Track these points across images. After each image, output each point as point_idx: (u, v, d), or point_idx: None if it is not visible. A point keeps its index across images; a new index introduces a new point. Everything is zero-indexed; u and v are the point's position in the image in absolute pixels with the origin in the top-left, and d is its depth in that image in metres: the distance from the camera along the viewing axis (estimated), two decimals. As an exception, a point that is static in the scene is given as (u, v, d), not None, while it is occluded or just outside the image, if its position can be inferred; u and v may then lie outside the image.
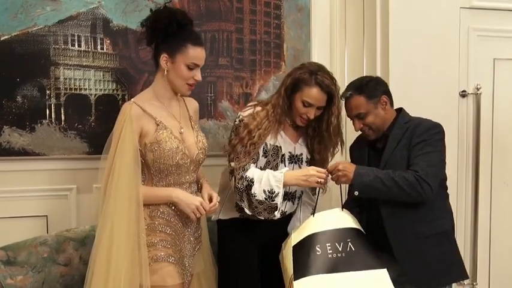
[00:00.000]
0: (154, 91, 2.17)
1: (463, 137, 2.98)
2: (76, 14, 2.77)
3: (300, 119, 2.32)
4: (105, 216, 2.02)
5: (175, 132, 2.13)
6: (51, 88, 2.76)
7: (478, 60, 2.91)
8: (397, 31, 2.76)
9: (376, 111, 2.26)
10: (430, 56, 2.80)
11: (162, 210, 2.12)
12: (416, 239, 2.19)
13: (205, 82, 3.00)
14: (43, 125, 2.75)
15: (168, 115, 2.15)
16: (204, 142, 2.25)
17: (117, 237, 1.99)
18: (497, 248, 3.05)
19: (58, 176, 2.80)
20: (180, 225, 2.15)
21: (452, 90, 2.88)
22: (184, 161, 2.12)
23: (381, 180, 2.13)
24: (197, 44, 2.10)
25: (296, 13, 3.16)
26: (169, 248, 2.10)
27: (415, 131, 2.22)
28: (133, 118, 2.04)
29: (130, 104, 2.08)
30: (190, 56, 2.08)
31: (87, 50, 2.81)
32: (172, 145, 2.08)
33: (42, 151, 2.76)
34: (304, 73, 2.27)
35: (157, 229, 2.10)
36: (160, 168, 2.10)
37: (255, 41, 3.09)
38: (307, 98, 2.26)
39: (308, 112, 2.28)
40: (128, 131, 2.02)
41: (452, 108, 2.87)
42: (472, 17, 2.86)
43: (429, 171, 2.13)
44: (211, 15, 3.00)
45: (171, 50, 2.08)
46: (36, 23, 2.71)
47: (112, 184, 2.01)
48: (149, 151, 2.07)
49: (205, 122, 3.04)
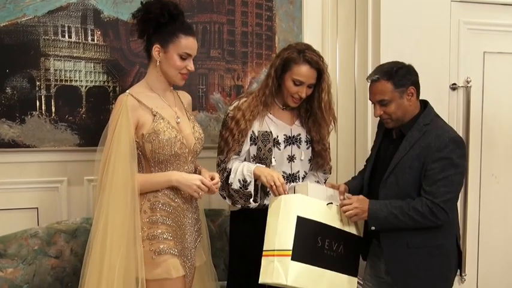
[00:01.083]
0: (148, 83, 2.17)
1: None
2: (66, 4, 2.75)
3: (291, 99, 2.33)
4: (101, 208, 2.01)
5: (172, 122, 2.13)
6: (41, 79, 2.74)
7: (468, 54, 2.92)
8: (388, 24, 2.76)
9: (400, 101, 2.15)
10: (420, 49, 2.80)
11: (163, 202, 2.11)
12: (406, 248, 2.17)
13: (197, 74, 2.99)
14: (33, 116, 2.74)
15: (164, 105, 2.15)
16: (201, 132, 2.26)
17: (111, 230, 1.98)
18: (486, 240, 3.08)
19: (49, 168, 2.79)
20: (181, 218, 2.16)
21: (442, 83, 2.88)
22: (182, 151, 2.12)
23: (395, 216, 2.10)
24: (189, 34, 2.11)
25: (288, 5, 3.15)
26: (171, 240, 2.10)
27: (434, 143, 2.10)
28: (129, 109, 2.04)
29: (126, 96, 2.08)
30: (182, 46, 2.09)
31: (78, 41, 2.79)
32: (171, 135, 2.08)
33: (33, 143, 2.75)
34: (292, 52, 2.30)
35: (159, 221, 2.09)
36: (159, 158, 2.10)
37: (246, 32, 3.08)
38: (297, 76, 2.28)
39: (299, 91, 2.30)
40: (124, 123, 2.02)
41: (443, 101, 2.87)
42: (463, 11, 2.87)
43: (448, 198, 2.08)
44: (202, 6, 2.99)
45: (163, 41, 2.08)
46: (25, 14, 2.69)
47: (107, 176, 2.00)
48: (147, 142, 2.07)
49: (196, 114, 3.02)
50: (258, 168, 2.29)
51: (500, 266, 3.11)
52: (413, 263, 2.17)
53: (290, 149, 2.41)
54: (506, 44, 2.99)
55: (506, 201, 3.09)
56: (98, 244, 1.99)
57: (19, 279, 2.43)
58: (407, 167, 2.13)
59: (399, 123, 2.20)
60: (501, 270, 3.11)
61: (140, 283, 1.99)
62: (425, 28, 2.81)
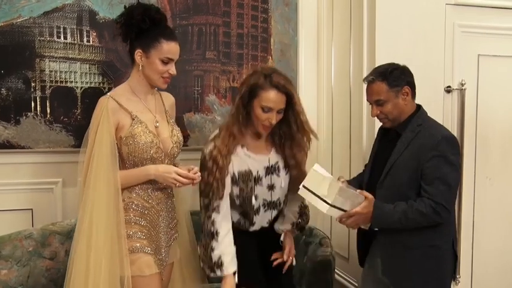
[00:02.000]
0: (130, 86, 2.19)
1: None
2: (62, 5, 2.76)
3: (262, 126, 2.22)
4: (85, 208, 2.04)
5: (150, 126, 2.15)
6: (37, 80, 2.75)
7: (463, 56, 2.91)
8: (383, 26, 2.75)
9: (395, 100, 2.20)
10: (415, 51, 2.79)
11: (137, 203, 2.15)
12: (402, 249, 2.19)
13: (192, 76, 3.01)
14: (28, 117, 2.75)
15: (144, 109, 2.18)
16: (179, 136, 2.27)
17: (96, 228, 2.02)
18: (480, 242, 3.07)
19: (43, 169, 2.79)
20: (155, 217, 2.18)
21: (437, 85, 2.85)
22: (158, 155, 2.15)
23: (399, 221, 2.12)
24: (171, 39, 2.12)
25: (283, 7, 3.17)
26: (144, 239, 2.13)
27: (428, 143, 2.14)
28: (110, 112, 2.07)
29: (107, 98, 2.11)
30: (164, 51, 2.10)
31: (73, 42, 2.80)
32: (147, 139, 2.11)
33: (28, 144, 2.75)
34: (258, 78, 2.19)
35: (132, 221, 2.13)
36: (135, 161, 2.14)
37: (242, 34, 3.10)
38: (265, 102, 2.17)
39: (269, 117, 2.19)
40: (105, 125, 2.05)
41: (438, 103, 2.87)
42: (457, 14, 2.86)
43: (448, 196, 2.12)
44: (198, 8, 3.00)
45: (145, 46, 2.11)
46: (21, 14, 2.70)
47: (91, 176, 2.04)
48: (124, 145, 2.11)
49: (192, 115, 3.05)
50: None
51: (495, 269, 3.11)
52: (409, 264, 2.19)
53: (269, 178, 2.33)
54: (500, 46, 2.98)
55: (500, 203, 3.08)
56: (83, 243, 2.02)
57: (13, 280, 2.43)
58: (403, 168, 2.17)
59: (396, 123, 2.25)
60: (495, 272, 3.11)
61: (126, 281, 2.02)
62: (420, 31, 2.80)
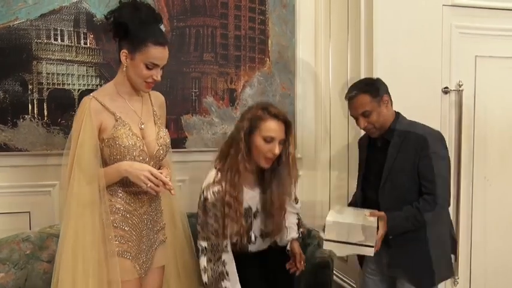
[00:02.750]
0: (115, 85, 2.11)
1: (445, 133, 2.85)
2: (59, 8, 2.75)
3: (265, 160, 2.21)
4: (69, 211, 1.99)
5: (134, 128, 2.08)
6: (34, 83, 2.74)
7: (460, 58, 2.91)
8: (381, 28, 2.75)
9: (379, 109, 2.31)
10: (413, 52, 2.79)
11: (118, 206, 2.08)
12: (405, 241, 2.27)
13: (190, 78, 3.00)
14: (25, 120, 2.74)
15: (129, 110, 2.10)
16: (166, 138, 2.19)
17: (82, 233, 1.97)
18: (478, 242, 3.08)
19: (41, 172, 2.77)
20: (137, 221, 2.12)
21: (435, 86, 2.87)
22: (142, 158, 2.08)
23: (410, 226, 2.23)
24: (159, 44, 2.01)
25: (281, 9, 3.17)
26: (124, 243, 2.07)
27: (419, 143, 2.25)
28: (93, 113, 2.00)
29: (90, 99, 2.03)
30: (149, 56, 2.01)
31: (70, 44, 2.79)
32: (129, 142, 2.04)
33: (25, 147, 2.74)
34: (256, 111, 2.22)
35: (113, 225, 2.05)
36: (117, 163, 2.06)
37: (239, 36, 3.09)
38: (267, 132, 2.18)
39: (272, 148, 2.18)
40: (88, 126, 1.99)
41: (435, 104, 2.86)
42: (455, 15, 2.87)
43: (445, 188, 2.26)
44: (195, 10, 2.99)
45: (131, 47, 2.01)
46: (17, 17, 2.69)
47: (74, 180, 1.98)
48: (106, 146, 2.04)
49: (189, 117, 3.04)
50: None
51: (493, 269, 3.11)
52: (416, 253, 2.28)
53: None
54: (497, 47, 2.98)
55: (498, 204, 3.08)
56: (69, 247, 1.97)
57: (11, 284, 2.41)
58: (400, 171, 2.27)
59: (382, 131, 2.35)
60: (494, 273, 3.11)
61: (115, 286, 1.98)
62: (418, 32, 2.80)
